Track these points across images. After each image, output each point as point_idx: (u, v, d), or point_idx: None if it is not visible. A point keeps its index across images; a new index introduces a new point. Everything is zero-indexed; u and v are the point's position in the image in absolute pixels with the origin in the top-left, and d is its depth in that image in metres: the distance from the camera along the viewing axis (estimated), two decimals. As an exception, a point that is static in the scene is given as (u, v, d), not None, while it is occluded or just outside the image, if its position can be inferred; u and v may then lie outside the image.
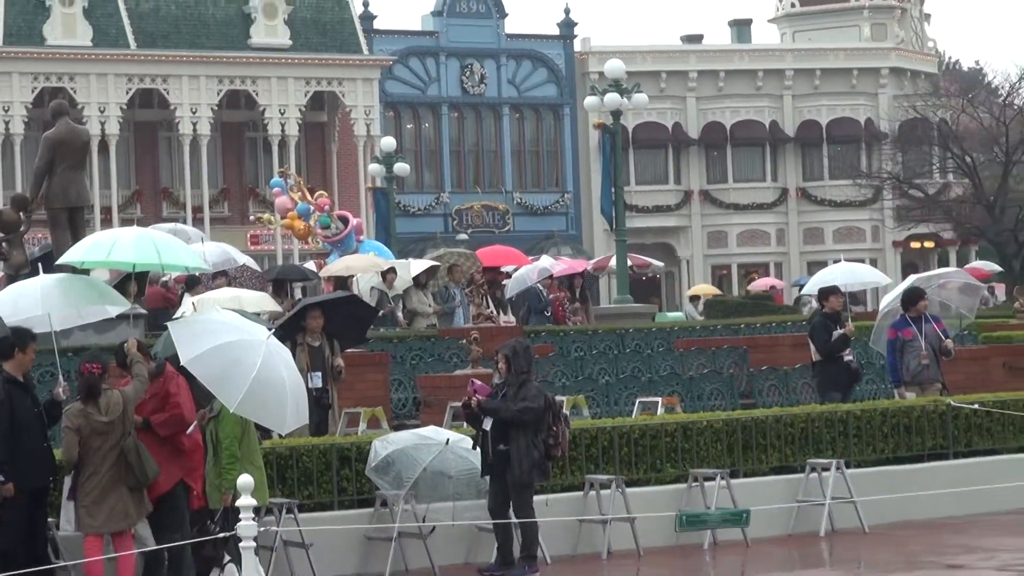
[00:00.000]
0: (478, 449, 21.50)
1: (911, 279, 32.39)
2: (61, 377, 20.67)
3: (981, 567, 22.18)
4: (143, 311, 23.63)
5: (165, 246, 23.34)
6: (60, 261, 24.97)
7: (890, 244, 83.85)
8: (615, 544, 23.57)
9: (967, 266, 57.25)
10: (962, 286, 32.97)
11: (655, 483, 24.75)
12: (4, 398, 19.11)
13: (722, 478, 24.33)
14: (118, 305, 22.46)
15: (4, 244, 33.19)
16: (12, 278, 29.75)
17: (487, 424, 21.08)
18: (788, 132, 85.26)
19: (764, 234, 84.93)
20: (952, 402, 27.06)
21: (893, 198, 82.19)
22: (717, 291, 68.48)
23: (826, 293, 29.83)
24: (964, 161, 78.20)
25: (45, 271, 26.37)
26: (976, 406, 27.08)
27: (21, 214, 32.89)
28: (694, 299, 56.78)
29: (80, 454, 18.67)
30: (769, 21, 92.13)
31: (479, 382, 21.98)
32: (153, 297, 26.07)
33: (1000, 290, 57.33)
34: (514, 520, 21.98)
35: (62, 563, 19.20)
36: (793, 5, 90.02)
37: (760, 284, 73.08)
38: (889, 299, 31.24)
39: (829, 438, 25.80)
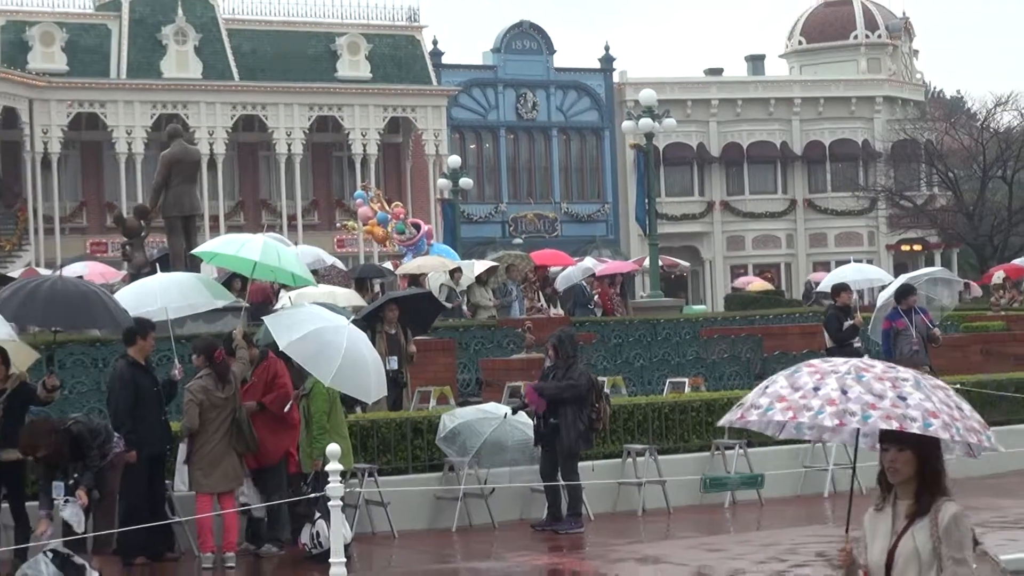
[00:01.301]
0: (532, 421, 21.68)
1: (902, 278, 32.43)
2: (177, 360, 20.84)
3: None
4: (246, 304, 23.56)
5: (286, 255, 23.42)
6: (197, 250, 25.02)
7: (884, 247, 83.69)
8: (648, 503, 23.58)
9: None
10: (945, 282, 33.11)
11: (683, 451, 24.79)
12: (128, 378, 19.26)
13: (740, 447, 24.40)
14: (224, 299, 22.48)
15: (127, 247, 33.36)
16: (134, 276, 29.83)
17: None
18: (796, 151, 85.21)
19: (775, 239, 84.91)
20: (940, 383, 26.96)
21: (886, 208, 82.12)
22: (770, 286, 68.04)
23: (838, 289, 29.95)
24: (947, 176, 78.35)
25: (162, 271, 26.44)
26: (958, 385, 26.94)
27: (142, 222, 33.08)
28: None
29: (200, 423, 18.90)
30: (780, 56, 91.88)
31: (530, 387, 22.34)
32: (255, 292, 26.04)
33: (977, 287, 56.86)
34: (562, 483, 22.03)
35: (177, 519, 19.28)
36: (800, 43, 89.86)
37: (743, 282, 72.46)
38: (884, 295, 31.22)
39: (831, 412, 25.70)
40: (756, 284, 64.92)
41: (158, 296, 21.96)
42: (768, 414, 7.78)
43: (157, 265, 28.43)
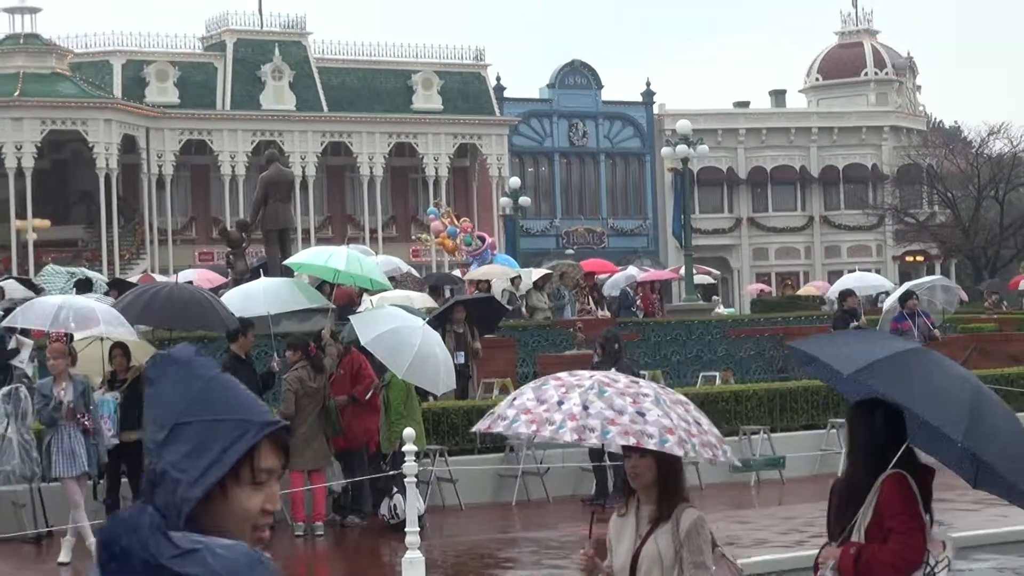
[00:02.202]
0: None
1: (906, 285, 32.43)
2: (276, 355, 21.06)
3: (960, 500, 21.89)
4: (333, 306, 23.69)
5: (367, 264, 23.69)
6: (288, 261, 25.16)
7: (890, 258, 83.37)
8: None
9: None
10: (943, 288, 33.15)
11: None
12: (230, 371, 19.35)
13: (764, 433, 24.44)
14: (317, 302, 22.57)
15: (231, 256, 33.57)
16: (237, 281, 29.99)
17: None
18: (813, 174, 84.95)
19: (795, 250, 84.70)
20: (937, 377, 26.92)
21: (892, 224, 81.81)
22: (817, 292, 67.86)
23: (844, 295, 30.23)
24: (946, 196, 78.16)
25: (261, 276, 26.54)
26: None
27: (243, 234, 33.25)
28: (762, 292, 56.05)
29: (295, 409, 19.04)
30: (799, 91, 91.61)
31: None
32: (341, 295, 26.12)
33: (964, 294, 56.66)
34: (608, 463, 22.00)
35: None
36: (817, 79, 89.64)
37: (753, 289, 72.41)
38: (891, 300, 31.33)
39: (845, 403, 25.70)
40: (808, 289, 64.03)
41: (261, 298, 22.18)
42: (513, 426, 7.20)
43: (261, 271, 28.54)
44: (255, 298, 22.66)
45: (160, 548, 3.22)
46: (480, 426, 7.56)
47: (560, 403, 7.07)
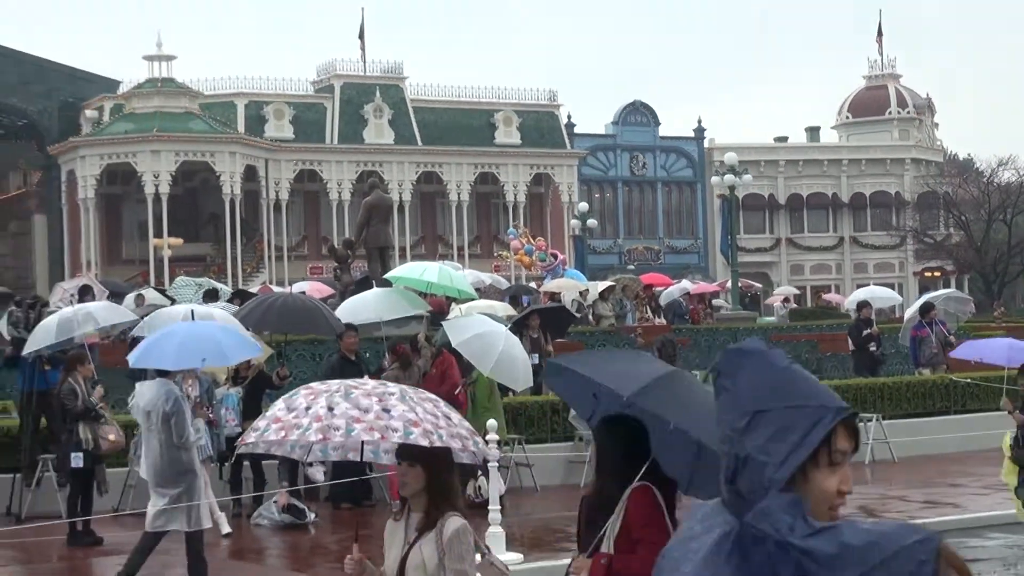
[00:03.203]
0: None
1: (925, 297, 32.36)
2: (387, 354, 21.22)
3: (973, 485, 21.85)
4: (428, 313, 23.81)
5: (458, 276, 23.81)
6: (388, 275, 25.26)
7: (911, 274, 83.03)
8: (729, 468, 23.44)
9: None
10: (957, 299, 33.12)
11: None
12: (337, 368, 19.47)
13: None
14: (420, 308, 22.62)
15: (338, 270, 33.70)
16: (343, 293, 30.10)
17: None
18: (844, 200, 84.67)
19: (828, 267, 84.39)
20: (953, 378, 26.82)
21: (913, 244, 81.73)
22: (796, 290, 67.37)
23: (860, 306, 30.48)
24: (960, 219, 77.90)
25: (364, 289, 26.63)
26: (968, 380, 26.84)
27: (348, 251, 33.36)
28: (785, 301, 55.70)
29: None
30: (832, 127, 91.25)
31: None
32: (434, 304, 26.20)
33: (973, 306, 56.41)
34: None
35: (374, 474, 19.41)
36: (847, 117, 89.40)
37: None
38: (911, 310, 31.22)
39: (872, 399, 25.61)
40: (827, 298, 63.61)
41: (371, 306, 22.26)
42: (265, 435, 6.65)
43: (373, 283, 28.60)
44: (367, 306, 22.81)
45: (796, 528, 3.17)
46: (243, 442, 6.94)
47: (308, 408, 6.64)
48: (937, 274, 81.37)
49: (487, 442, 16.42)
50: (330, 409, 6.54)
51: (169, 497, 14.28)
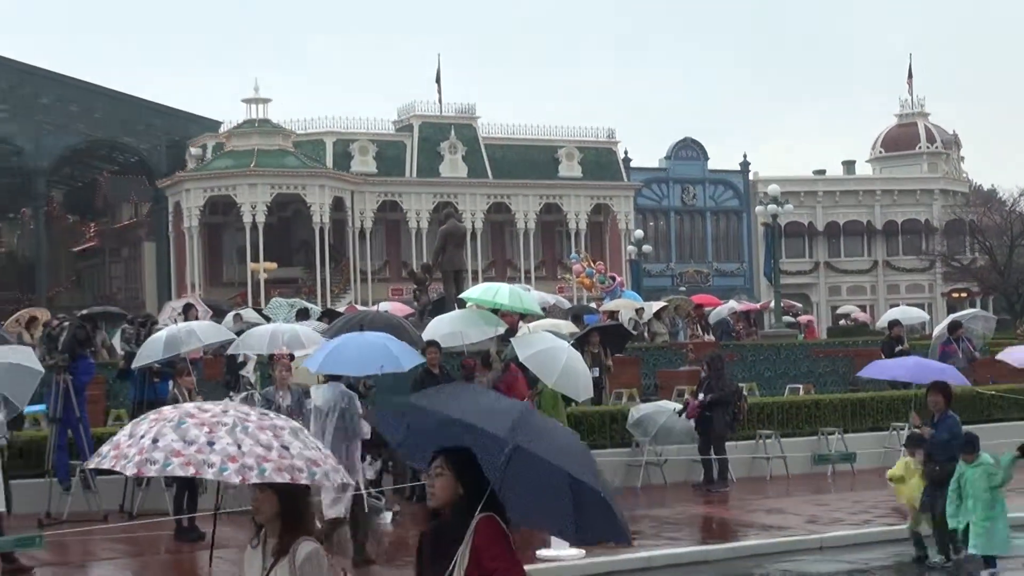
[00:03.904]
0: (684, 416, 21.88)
1: (952, 316, 32.13)
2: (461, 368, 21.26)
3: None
4: (502, 330, 23.81)
5: (526, 296, 23.84)
6: (462, 295, 25.24)
7: (939, 295, 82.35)
8: (774, 472, 23.38)
9: None
10: (983, 318, 32.90)
11: (798, 435, 24.57)
12: (419, 380, 19.49)
13: (839, 433, 24.17)
14: (496, 326, 22.60)
15: (416, 292, 33.70)
16: (421, 313, 30.12)
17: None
18: (877, 227, 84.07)
19: (863, 288, 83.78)
20: (979, 390, 26.56)
21: (941, 267, 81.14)
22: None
23: (892, 324, 30.33)
24: (985, 245, 77.13)
25: (440, 309, 26.64)
26: (992, 392, 26.65)
27: (426, 275, 33.37)
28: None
29: None
30: (866, 161, 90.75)
31: (693, 401, 22.36)
32: (510, 322, 26.21)
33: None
34: (714, 457, 21.88)
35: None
36: (880, 151, 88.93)
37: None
38: (940, 328, 31.04)
39: (903, 410, 25.31)
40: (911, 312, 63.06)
41: (456, 324, 22.25)
42: (167, 469, 5.88)
43: (456, 305, 28.57)
44: (451, 324, 22.82)
45: None
46: (104, 463, 6.13)
47: (211, 443, 5.96)
48: (964, 295, 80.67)
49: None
50: (239, 447, 5.96)
51: (337, 486, 14.58)
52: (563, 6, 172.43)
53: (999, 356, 23.11)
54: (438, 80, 75.95)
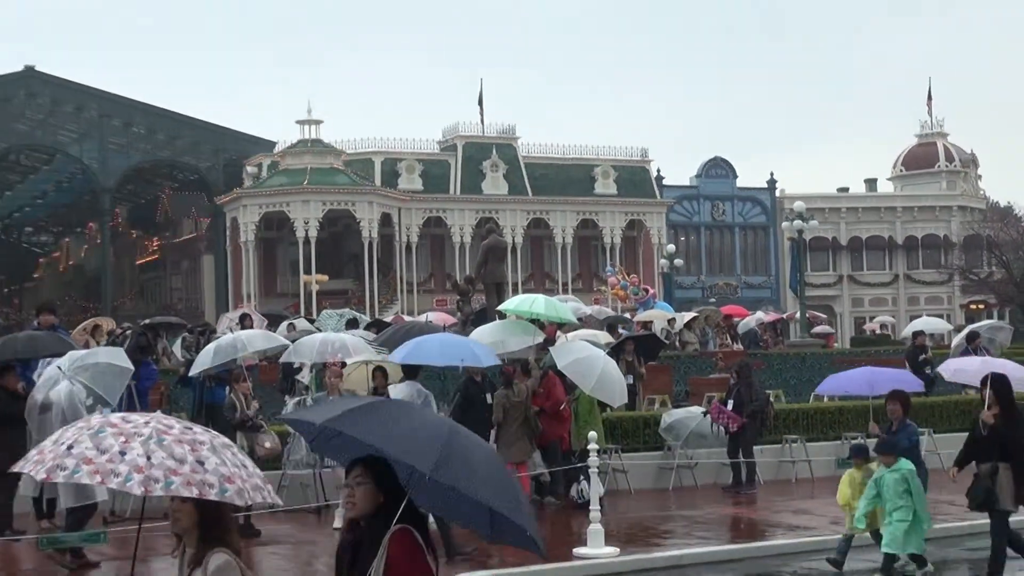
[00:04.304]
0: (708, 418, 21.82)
1: (970, 327, 31.94)
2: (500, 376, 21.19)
3: None
4: (542, 339, 23.78)
5: (562, 307, 23.81)
6: (501, 307, 25.17)
7: (958, 306, 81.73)
8: (799, 475, 23.25)
9: None
10: (1000, 329, 32.72)
11: (822, 440, 24.45)
12: (462, 390, 19.48)
13: (861, 438, 23.89)
14: (536, 336, 22.63)
15: (460, 303, 33.70)
16: (464, 322, 30.14)
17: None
18: (898, 242, 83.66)
19: (885, 300, 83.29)
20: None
21: (960, 280, 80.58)
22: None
23: (916, 334, 30.12)
24: (1001, 259, 76.48)
25: (482, 319, 26.63)
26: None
27: (469, 286, 33.38)
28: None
29: (503, 417, 19.01)
30: (887, 179, 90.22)
31: (724, 408, 22.25)
32: (550, 332, 26.18)
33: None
34: (742, 460, 21.79)
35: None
36: (901, 170, 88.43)
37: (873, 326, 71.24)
38: (959, 338, 30.85)
39: (924, 416, 25.18)
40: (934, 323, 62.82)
41: (497, 334, 22.29)
42: (75, 476, 5.65)
43: (496, 316, 28.54)
44: (492, 334, 22.76)
45: None
46: (25, 467, 5.88)
47: (123, 453, 5.69)
48: (981, 307, 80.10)
49: (588, 451, 16.41)
50: (148, 458, 5.65)
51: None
52: (599, 33, 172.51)
53: (939, 369, 22.60)
54: (480, 103, 76.18)
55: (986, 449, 13.61)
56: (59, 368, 16.85)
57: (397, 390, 16.19)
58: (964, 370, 15.61)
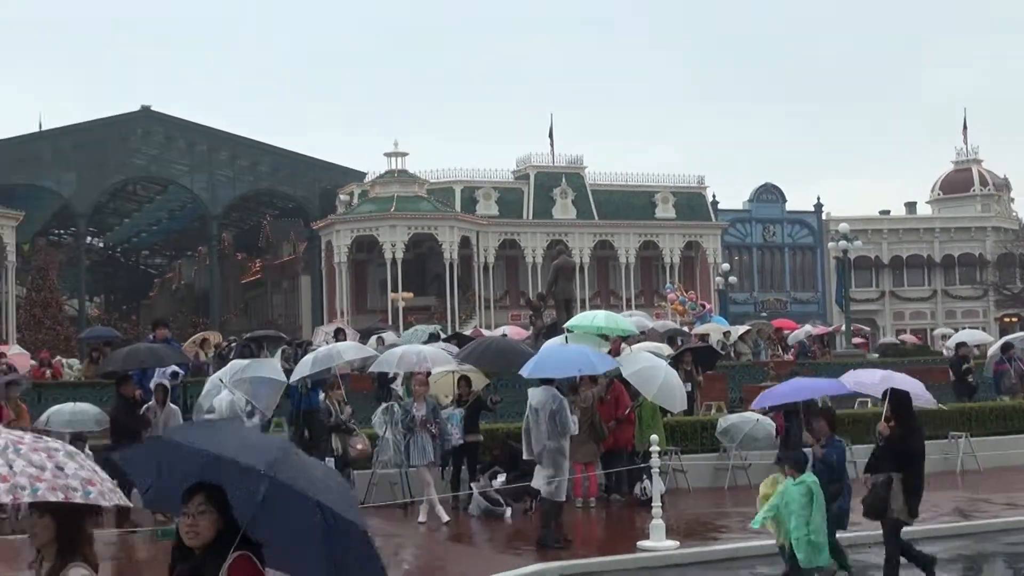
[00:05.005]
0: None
1: (1005, 338, 31.45)
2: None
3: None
4: (607, 351, 23.73)
5: (621, 320, 23.77)
6: (567, 324, 25.10)
7: (992, 319, 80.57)
8: (845, 475, 22.93)
9: None
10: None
11: (866, 443, 24.06)
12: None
13: (877, 440, 23.77)
14: (602, 346, 22.56)
15: (532, 318, 33.72)
16: (536, 336, 30.15)
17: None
18: (936, 260, 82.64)
19: (923, 314, 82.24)
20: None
21: (994, 295, 79.52)
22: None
23: (959, 345, 29.61)
24: (1034, 275, 75.69)
25: (553, 332, 26.56)
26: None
27: (541, 303, 33.40)
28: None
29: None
30: (926, 202, 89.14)
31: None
32: (614, 344, 26.14)
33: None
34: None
35: (566, 476, 19.38)
36: (939, 194, 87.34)
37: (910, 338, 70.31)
38: (994, 349, 30.37)
39: (962, 421, 24.84)
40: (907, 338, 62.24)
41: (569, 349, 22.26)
42: None
43: (566, 334, 28.44)
44: (558, 346, 22.74)
45: None
46: None
47: None
48: (1014, 319, 78.88)
49: (650, 452, 16.34)
50: (10, 467, 5.17)
51: (550, 471, 15.80)
52: (656, 72, 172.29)
53: (840, 379, 21.52)
54: (551, 135, 76.16)
55: (882, 460, 12.91)
56: (220, 380, 16.98)
57: (534, 395, 16.44)
58: (864, 382, 14.68)
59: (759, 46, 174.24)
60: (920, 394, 13.32)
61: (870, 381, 13.96)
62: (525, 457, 16.93)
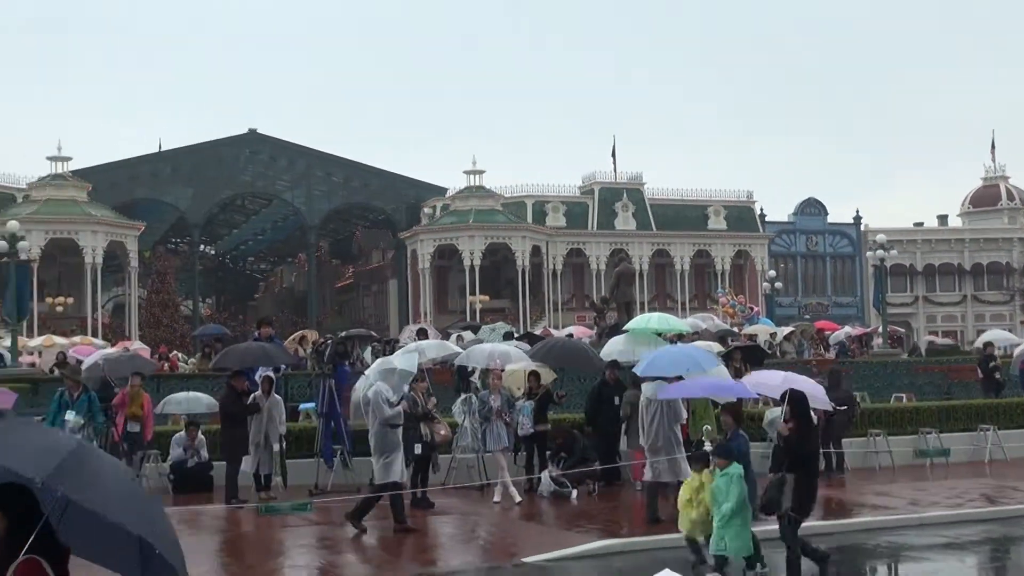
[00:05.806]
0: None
1: (1030, 339, 30.89)
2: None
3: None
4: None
5: (674, 320, 23.63)
6: (628, 325, 24.99)
7: (1019, 322, 79.17)
8: (882, 464, 22.69)
9: None
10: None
11: (902, 434, 23.77)
12: (595, 391, 19.46)
13: (935, 433, 23.30)
14: (657, 344, 22.47)
15: (596, 318, 33.70)
16: (600, 335, 30.11)
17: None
18: (966, 268, 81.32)
19: (955, 317, 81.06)
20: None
21: (1020, 300, 78.24)
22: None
23: (986, 345, 29.27)
24: (1057, 282, 74.22)
25: (615, 332, 26.42)
26: (1065, 402, 25.47)
27: (604, 305, 33.37)
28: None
29: (631, 412, 18.89)
30: (957, 215, 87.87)
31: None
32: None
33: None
34: (832, 451, 21.38)
35: (622, 463, 19.33)
36: (969, 208, 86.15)
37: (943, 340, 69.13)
38: (1020, 348, 29.88)
39: (990, 415, 24.43)
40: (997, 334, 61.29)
41: (628, 344, 22.16)
42: None
43: (625, 336, 28.38)
44: (624, 344, 22.63)
45: None
46: None
47: None
48: (1041, 323, 77.67)
49: (703, 440, 16.22)
50: None
51: (661, 456, 16.08)
52: (706, 97, 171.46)
53: (742, 380, 20.57)
54: (613, 154, 76.06)
55: (779, 459, 12.38)
56: (365, 375, 17.19)
57: (648, 388, 16.58)
58: (765, 384, 14.10)
59: (805, 73, 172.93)
60: (818, 396, 12.74)
61: (772, 383, 13.38)
62: (625, 448, 16.81)
